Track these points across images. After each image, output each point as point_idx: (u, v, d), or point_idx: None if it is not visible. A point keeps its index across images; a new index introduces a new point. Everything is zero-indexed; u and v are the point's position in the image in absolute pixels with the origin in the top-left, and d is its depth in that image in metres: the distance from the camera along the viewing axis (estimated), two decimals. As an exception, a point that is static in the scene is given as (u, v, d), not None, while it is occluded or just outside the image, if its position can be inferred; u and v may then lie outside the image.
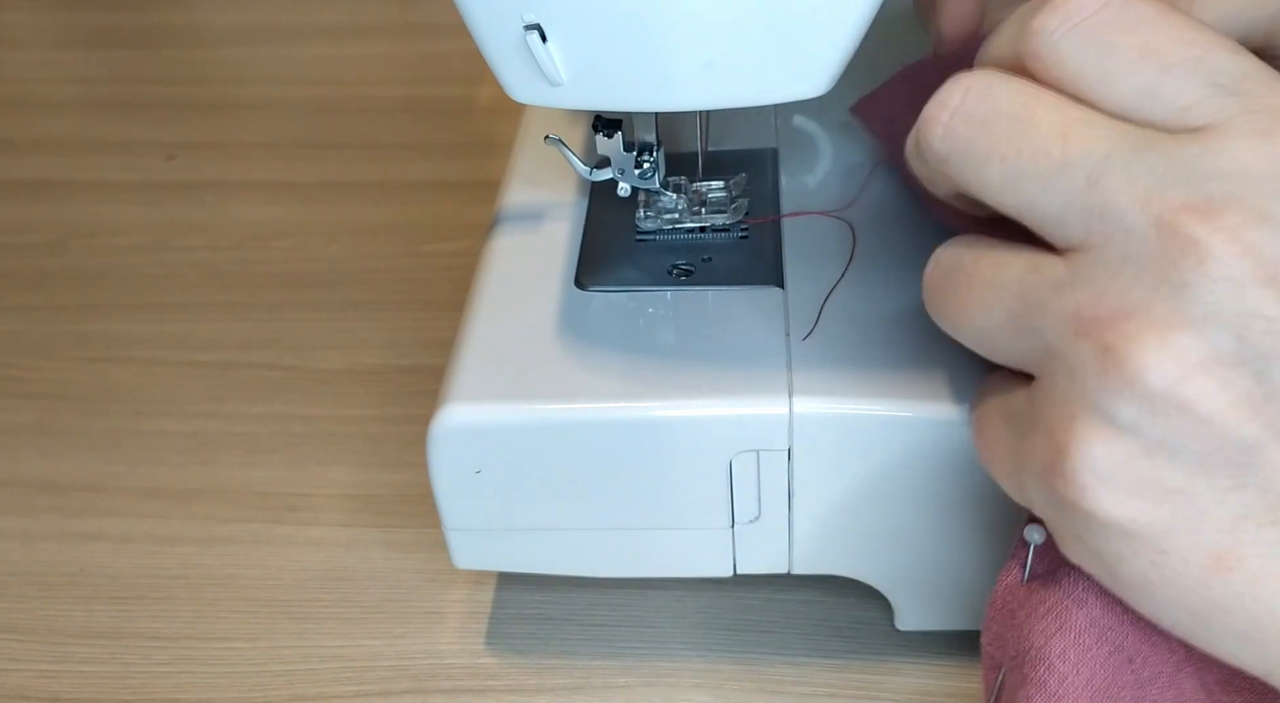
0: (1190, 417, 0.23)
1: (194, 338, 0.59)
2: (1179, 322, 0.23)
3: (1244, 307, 0.23)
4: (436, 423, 0.36)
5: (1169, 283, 0.23)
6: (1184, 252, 0.23)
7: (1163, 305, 0.23)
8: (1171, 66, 0.24)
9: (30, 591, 0.46)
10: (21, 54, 0.90)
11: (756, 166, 0.44)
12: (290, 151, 0.74)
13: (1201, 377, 0.23)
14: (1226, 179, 0.23)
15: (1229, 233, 0.23)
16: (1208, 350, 0.23)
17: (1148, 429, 0.23)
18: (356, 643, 0.43)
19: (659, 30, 0.31)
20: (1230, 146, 0.23)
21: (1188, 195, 0.23)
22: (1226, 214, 0.23)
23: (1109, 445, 0.24)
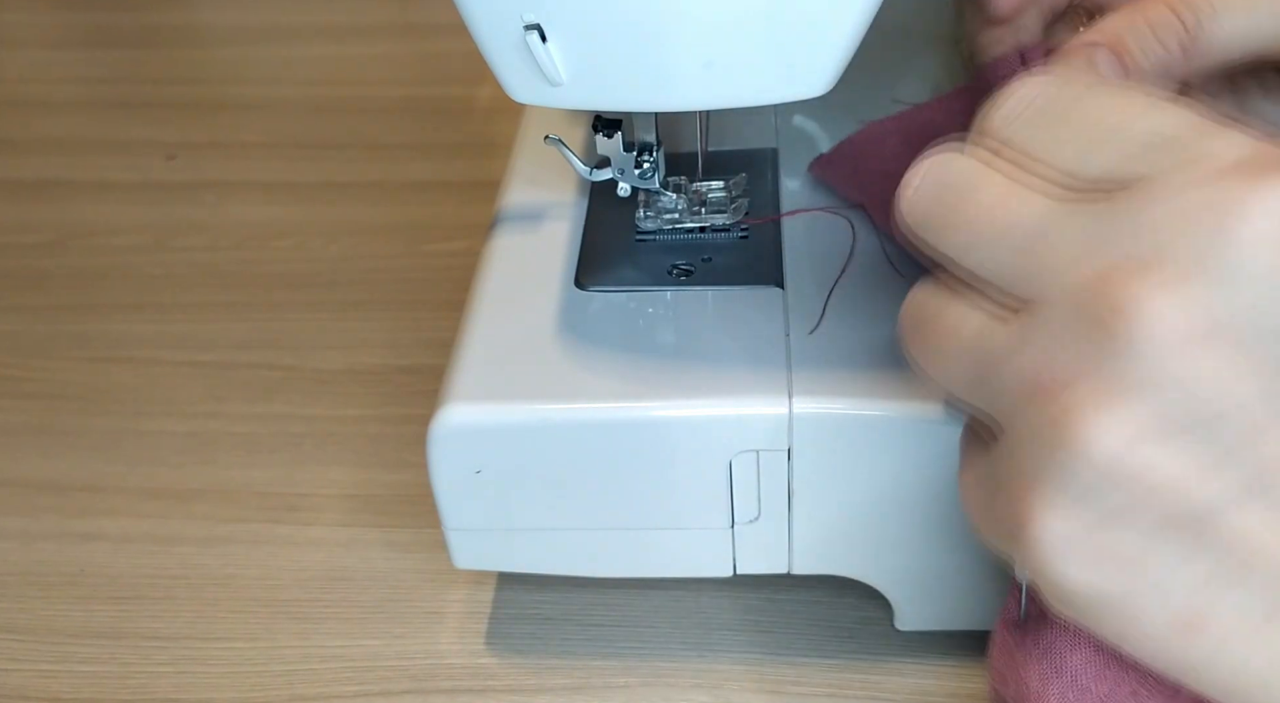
0: (1141, 485, 0.23)
1: (194, 338, 0.59)
2: (1118, 389, 0.22)
3: (1180, 370, 0.22)
4: (436, 423, 0.36)
5: (1104, 350, 0.23)
6: (1114, 316, 0.22)
7: (1101, 373, 0.23)
8: (1103, 133, 0.24)
9: (30, 591, 0.46)
10: (21, 54, 0.90)
11: (756, 167, 0.44)
12: (290, 151, 0.74)
13: (1146, 446, 0.22)
14: (1152, 236, 0.23)
15: (1154, 294, 0.22)
16: (1150, 418, 0.22)
17: (1100, 500, 0.23)
18: (356, 643, 0.43)
19: (659, 30, 0.31)
20: (1156, 202, 0.23)
21: (1115, 256, 0.23)
22: (1150, 274, 0.22)
23: (1065, 518, 0.24)
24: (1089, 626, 0.25)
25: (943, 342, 0.27)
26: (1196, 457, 0.22)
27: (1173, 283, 0.22)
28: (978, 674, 0.40)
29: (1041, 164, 0.25)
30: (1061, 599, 0.25)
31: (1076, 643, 0.28)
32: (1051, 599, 0.25)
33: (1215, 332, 0.22)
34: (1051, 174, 0.25)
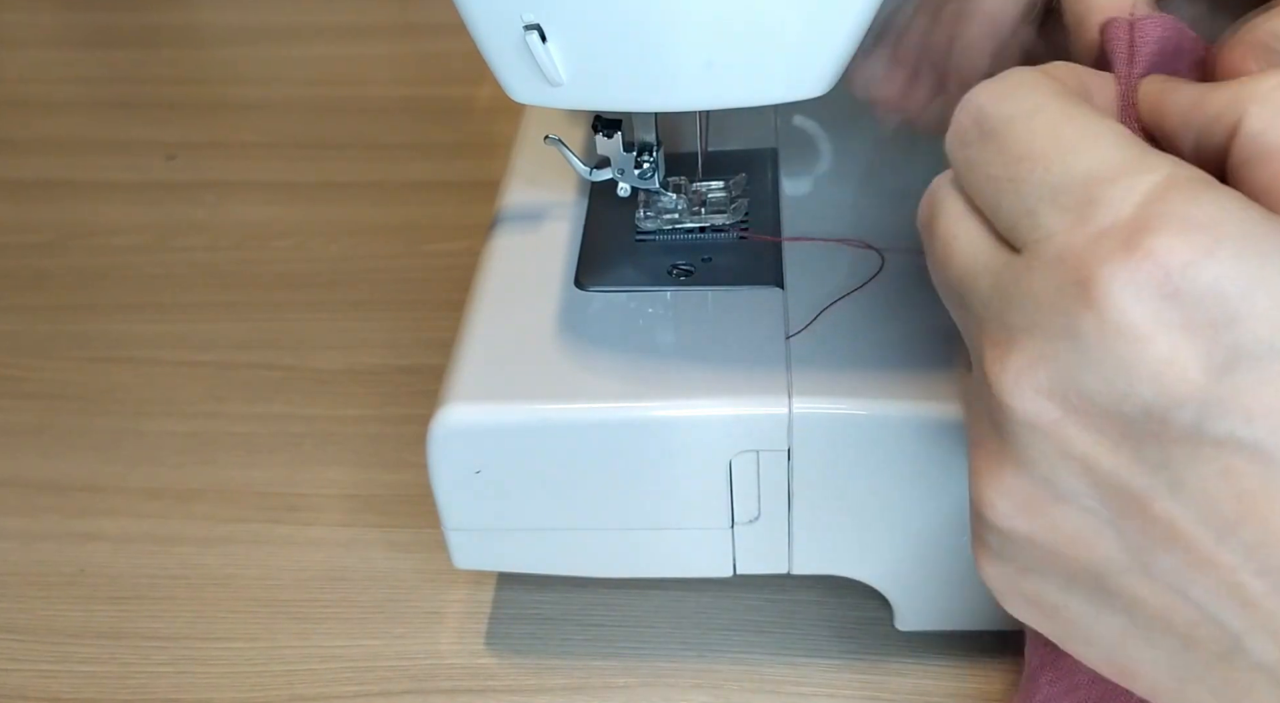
0: (1037, 548, 0.23)
1: (194, 338, 0.59)
2: (1004, 460, 0.23)
3: (1049, 447, 0.22)
4: (436, 423, 0.36)
5: (992, 421, 0.23)
6: (992, 393, 0.23)
7: (992, 443, 0.23)
8: (1003, 170, 0.23)
9: (30, 591, 0.46)
10: (21, 54, 0.90)
11: (756, 167, 0.44)
12: (290, 151, 0.74)
13: (1033, 514, 0.23)
14: (1021, 313, 0.22)
15: (1018, 376, 0.22)
16: (1032, 488, 0.23)
17: (1012, 555, 0.24)
18: (356, 643, 0.43)
19: (659, 30, 0.31)
20: (1028, 277, 0.22)
21: (994, 331, 0.23)
22: (1014, 354, 0.22)
23: (992, 565, 0.25)
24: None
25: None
26: (1079, 525, 0.22)
27: (1028, 367, 0.22)
28: (978, 674, 0.40)
29: (984, 193, 0.24)
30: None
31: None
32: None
33: (1072, 413, 0.21)
34: (990, 211, 0.24)
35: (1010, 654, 0.41)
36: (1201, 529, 0.21)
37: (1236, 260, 0.20)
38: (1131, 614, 0.23)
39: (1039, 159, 0.22)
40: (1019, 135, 0.23)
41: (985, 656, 0.41)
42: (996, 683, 0.40)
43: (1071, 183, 0.22)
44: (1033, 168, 0.22)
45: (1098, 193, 0.21)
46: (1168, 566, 0.21)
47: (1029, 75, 0.24)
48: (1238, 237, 0.20)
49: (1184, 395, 0.20)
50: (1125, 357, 0.20)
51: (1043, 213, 0.22)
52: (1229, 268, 0.20)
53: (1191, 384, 0.20)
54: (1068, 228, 0.22)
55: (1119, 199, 0.21)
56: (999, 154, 0.23)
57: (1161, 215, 0.20)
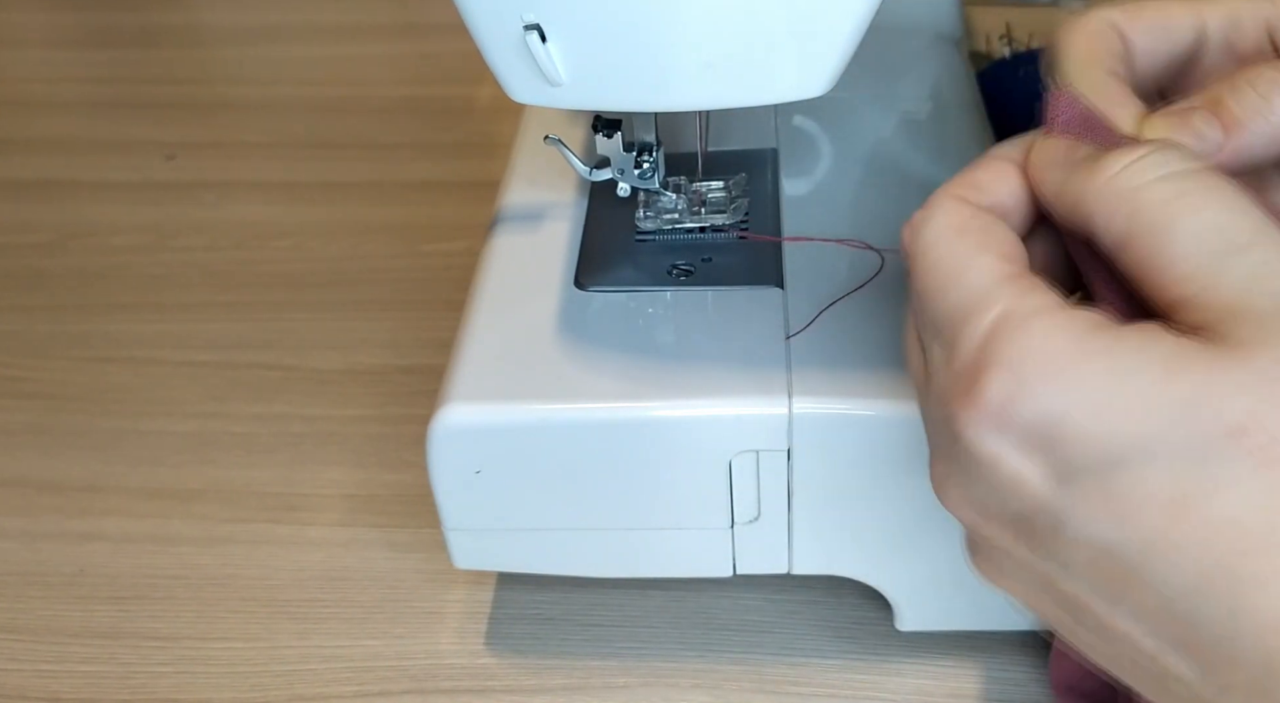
0: (995, 546, 0.26)
1: (194, 338, 0.59)
2: (957, 483, 0.26)
3: (979, 536, 0.25)
4: (436, 423, 0.36)
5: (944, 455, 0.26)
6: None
7: (949, 465, 0.26)
8: (915, 294, 0.26)
9: (30, 591, 0.46)
10: (21, 54, 0.90)
11: (756, 167, 0.44)
12: (290, 151, 0.74)
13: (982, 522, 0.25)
14: (932, 431, 0.27)
15: (941, 485, 0.26)
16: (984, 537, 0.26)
17: (985, 546, 0.26)
18: (356, 643, 0.43)
19: (659, 30, 0.31)
20: (929, 401, 0.26)
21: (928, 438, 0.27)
22: (935, 465, 0.26)
23: (978, 563, 0.27)
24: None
25: (908, 363, 0.30)
26: (1025, 590, 0.26)
27: (945, 478, 0.26)
28: (978, 674, 0.40)
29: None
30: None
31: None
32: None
33: (983, 514, 0.25)
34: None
35: (1010, 655, 0.41)
36: (1097, 601, 0.23)
37: (1048, 393, 0.22)
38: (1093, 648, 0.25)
39: (928, 294, 0.26)
40: (919, 269, 0.26)
41: (985, 656, 0.41)
42: (996, 683, 0.40)
43: (942, 320, 0.25)
44: (924, 302, 0.26)
45: (956, 333, 0.24)
46: (1089, 625, 0.24)
47: (941, 205, 0.27)
48: (1047, 371, 0.23)
49: (1037, 504, 0.23)
50: (988, 476, 0.24)
51: (929, 345, 0.26)
52: (1042, 401, 0.22)
53: (1040, 495, 0.23)
54: (943, 363, 0.25)
55: (967, 340, 0.24)
56: (913, 284, 0.26)
57: (987, 358, 0.23)
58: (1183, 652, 0.22)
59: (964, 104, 0.48)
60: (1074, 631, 0.25)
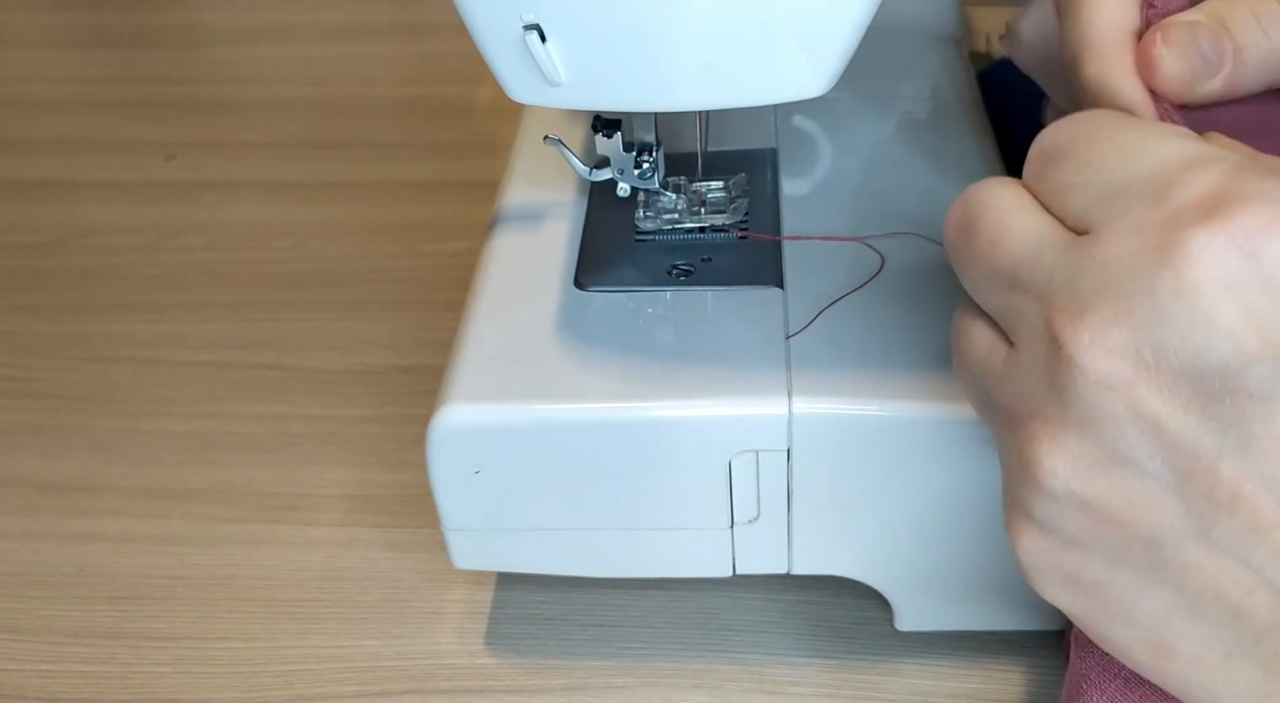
0: (1092, 515, 0.23)
1: (194, 338, 0.59)
2: (1067, 424, 0.23)
3: (1119, 407, 0.23)
4: (436, 423, 0.36)
5: (1054, 387, 0.24)
6: (1059, 357, 0.23)
7: (1053, 408, 0.24)
8: (1094, 173, 0.25)
9: (30, 590, 0.46)
10: (21, 54, 0.90)
11: (756, 167, 0.44)
12: (290, 151, 0.74)
13: (1094, 477, 0.23)
14: (1096, 278, 0.23)
15: (1093, 336, 0.23)
16: (1096, 451, 0.23)
17: (1060, 526, 0.24)
18: (356, 643, 0.43)
19: (658, 30, 0.31)
20: (1102, 247, 0.23)
21: (1064, 298, 0.24)
22: (1088, 316, 0.23)
23: (1034, 539, 0.25)
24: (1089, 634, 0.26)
25: (962, 357, 0.28)
26: (1140, 490, 0.23)
27: (1106, 327, 0.23)
28: (978, 674, 0.40)
29: (1056, 203, 0.26)
30: (1057, 611, 0.26)
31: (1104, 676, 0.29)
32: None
33: (1145, 371, 0.22)
34: (1061, 214, 0.25)
35: (1010, 655, 0.41)
36: (1266, 492, 0.21)
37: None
38: (1181, 586, 0.23)
39: (1106, 162, 0.24)
40: (1086, 148, 0.25)
41: (985, 656, 0.41)
42: (996, 683, 0.40)
43: (1142, 176, 0.23)
44: (1100, 169, 0.24)
45: (1172, 179, 0.23)
46: (1230, 530, 0.22)
47: (1092, 111, 0.26)
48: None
49: (1259, 353, 0.21)
50: (1202, 314, 0.21)
51: (1115, 201, 0.24)
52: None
53: (1267, 342, 0.21)
54: (1144, 208, 0.23)
55: (1193, 182, 0.22)
56: (1067, 166, 0.25)
57: (1239, 190, 0.22)
58: None
59: (964, 104, 0.48)
60: (1131, 593, 0.23)
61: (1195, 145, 0.24)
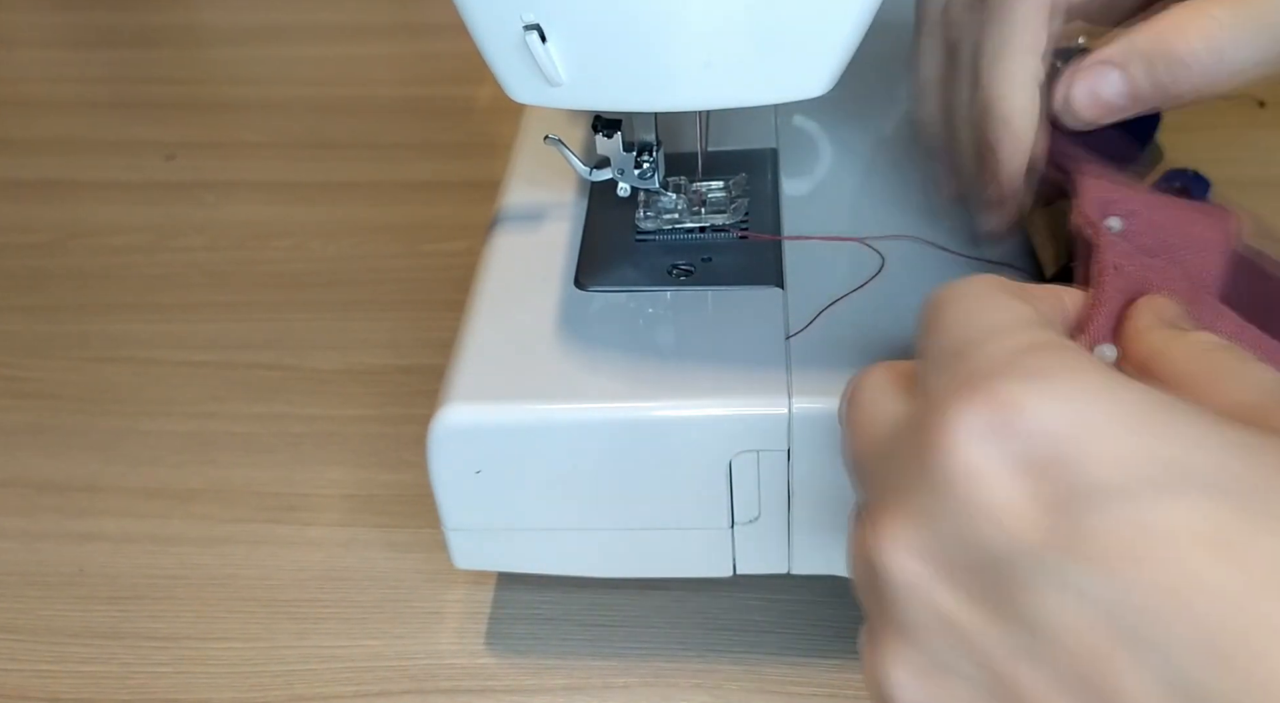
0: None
1: (193, 338, 0.59)
2: (895, 632, 0.22)
3: (924, 610, 0.21)
4: (436, 423, 0.36)
5: (874, 590, 0.23)
6: (871, 563, 0.22)
7: (878, 615, 0.23)
8: (922, 342, 0.24)
9: (30, 591, 0.46)
10: (21, 54, 0.90)
11: (756, 167, 0.44)
12: (290, 151, 0.74)
13: (930, 687, 0.22)
14: (898, 469, 0.22)
15: (891, 536, 0.22)
16: (921, 658, 0.22)
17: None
18: (356, 643, 0.43)
19: (658, 30, 0.31)
20: (905, 430, 0.23)
21: (875, 494, 0.23)
22: (886, 514, 0.22)
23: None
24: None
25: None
26: (968, 697, 0.21)
27: (898, 524, 0.22)
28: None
29: (919, 374, 0.24)
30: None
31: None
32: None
33: (936, 569, 0.21)
34: (920, 388, 0.24)
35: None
36: (1063, 695, 0.20)
37: (1073, 404, 0.20)
38: None
39: (944, 331, 0.23)
40: (943, 314, 0.24)
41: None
42: (996, 683, 0.40)
43: (955, 346, 0.22)
44: (938, 337, 0.23)
45: (967, 351, 0.22)
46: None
47: (970, 277, 0.25)
48: (1080, 386, 0.20)
49: (1024, 539, 0.20)
50: (968, 499, 0.20)
51: (929, 375, 0.23)
52: (1065, 410, 0.20)
53: (1031, 527, 0.20)
54: (937, 384, 0.22)
55: (982, 356, 0.21)
56: (922, 331, 0.24)
57: (1010, 366, 0.21)
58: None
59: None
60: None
61: (1019, 321, 0.22)
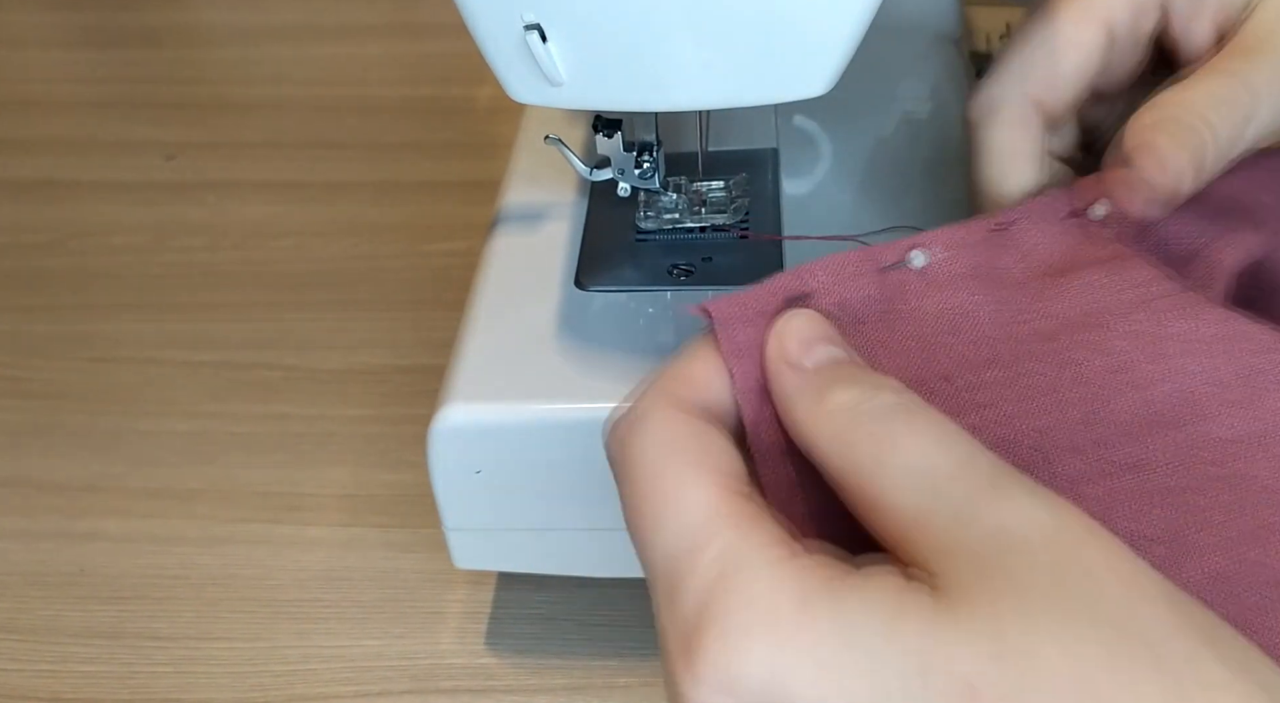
0: None
1: (194, 338, 0.59)
2: None
3: None
4: (436, 423, 0.36)
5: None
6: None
7: None
8: (632, 538, 0.24)
9: (30, 591, 0.46)
10: (21, 54, 0.90)
11: (756, 167, 0.44)
12: (290, 151, 0.74)
13: None
14: (667, 659, 0.23)
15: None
16: None
17: None
18: (356, 643, 0.43)
19: (658, 30, 0.31)
20: (664, 638, 0.23)
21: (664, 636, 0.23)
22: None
23: None
24: None
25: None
26: None
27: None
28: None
29: None
30: None
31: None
32: None
33: None
34: None
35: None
36: None
37: (770, 654, 0.20)
38: None
39: (639, 528, 0.23)
40: (626, 493, 0.24)
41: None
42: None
43: (658, 562, 0.23)
44: (635, 536, 0.23)
45: (673, 582, 0.22)
46: None
47: (650, 414, 0.24)
48: (773, 633, 0.20)
49: None
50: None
51: (650, 578, 0.23)
52: (764, 663, 0.20)
53: None
54: (662, 610, 0.22)
55: (685, 592, 0.22)
56: (623, 500, 0.24)
57: (706, 615, 0.21)
58: None
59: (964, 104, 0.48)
60: None
61: (700, 518, 0.22)
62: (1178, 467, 0.26)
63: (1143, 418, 0.26)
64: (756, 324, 0.26)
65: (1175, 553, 0.24)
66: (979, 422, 0.26)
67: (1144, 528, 0.25)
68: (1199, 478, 0.25)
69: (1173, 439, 0.26)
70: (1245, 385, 0.26)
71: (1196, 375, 0.27)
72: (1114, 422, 0.26)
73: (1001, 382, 0.27)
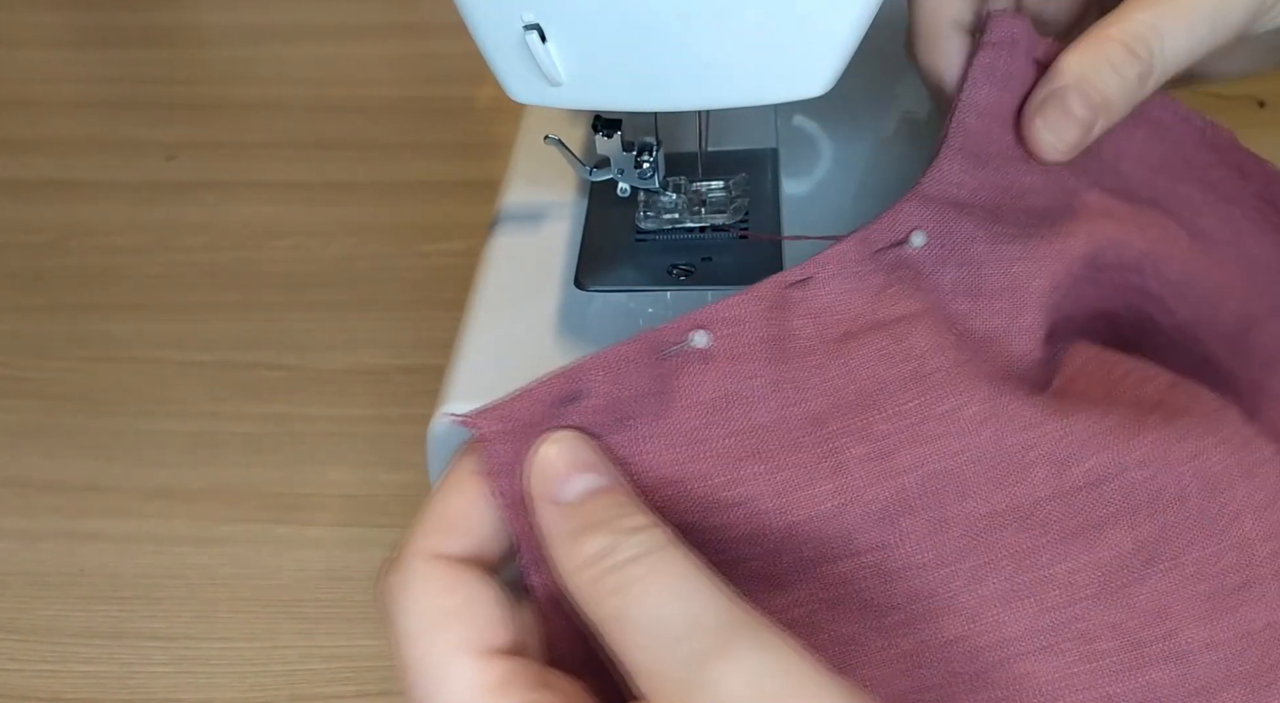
0: None
1: (194, 338, 0.59)
2: None
3: None
4: (436, 423, 0.36)
5: None
6: None
7: None
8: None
9: (31, 591, 0.46)
10: (21, 54, 0.90)
11: (756, 167, 0.44)
12: (290, 151, 0.74)
13: None
14: None
15: None
16: None
17: None
18: (356, 643, 0.43)
19: (658, 30, 0.31)
20: None
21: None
22: None
23: None
24: None
25: None
26: None
27: None
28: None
29: None
30: None
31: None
32: None
33: None
34: None
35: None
36: None
37: None
38: None
39: (411, 692, 0.24)
40: (397, 651, 0.25)
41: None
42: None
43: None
44: (410, 696, 0.24)
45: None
46: None
47: (412, 575, 0.25)
48: None
49: None
50: None
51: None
52: None
53: None
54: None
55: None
56: (394, 660, 0.25)
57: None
58: None
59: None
60: None
61: (464, 698, 0.23)
62: (926, 549, 0.27)
63: (891, 506, 0.27)
64: (521, 438, 0.26)
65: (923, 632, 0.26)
66: (730, 520, 0.27)
67: (887, 620, 0.26)
68: (951, 552, 0.27)
69: (919, 522, 0.27)
70: (1009, 462, 0.27)
71: (959, 455, 0.27)
72: (863, 513, 0.27)
73: (760, 477, 0.27)
